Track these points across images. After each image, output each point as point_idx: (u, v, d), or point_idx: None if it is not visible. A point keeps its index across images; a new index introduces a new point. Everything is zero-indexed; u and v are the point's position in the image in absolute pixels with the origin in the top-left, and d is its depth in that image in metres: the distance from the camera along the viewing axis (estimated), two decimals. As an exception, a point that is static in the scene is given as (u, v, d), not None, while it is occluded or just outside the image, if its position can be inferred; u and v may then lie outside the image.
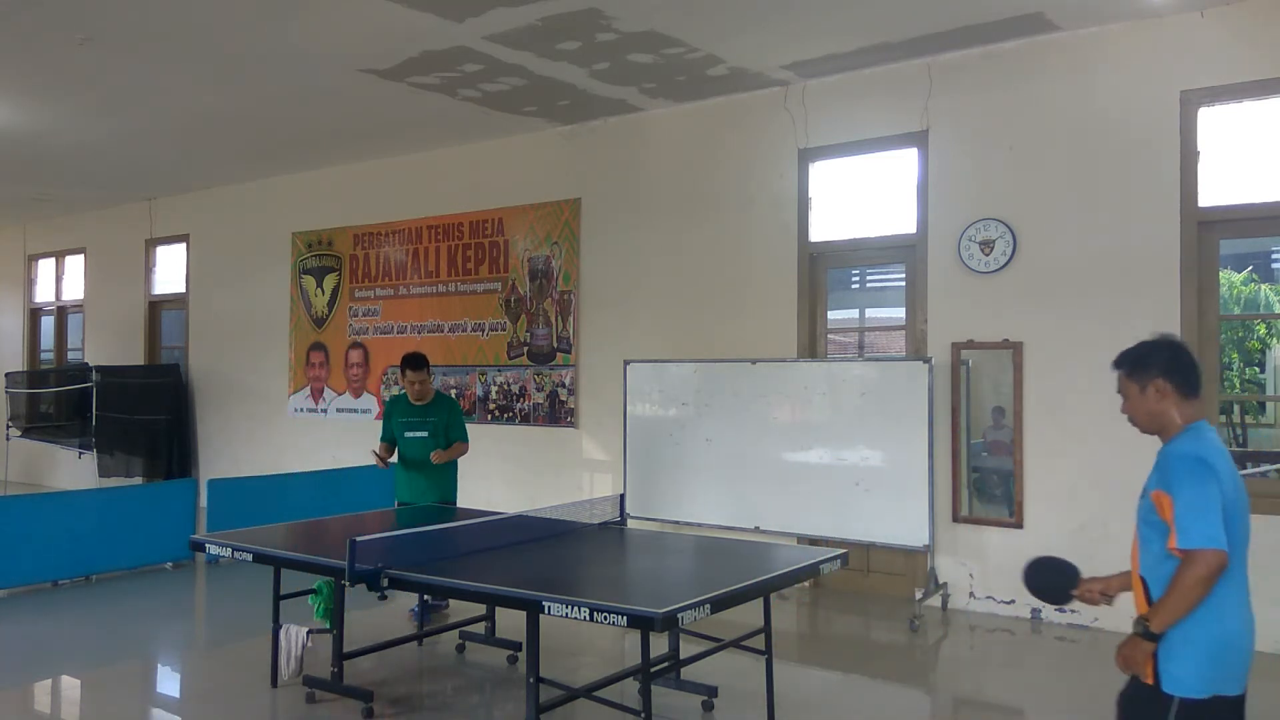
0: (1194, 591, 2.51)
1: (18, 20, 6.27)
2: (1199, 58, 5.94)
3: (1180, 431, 2.71)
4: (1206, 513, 2.51)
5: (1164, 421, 2.74)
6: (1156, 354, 2.75)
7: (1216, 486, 2.53)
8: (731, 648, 4.55)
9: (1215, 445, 2.67)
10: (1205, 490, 2.53)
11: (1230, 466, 2.64)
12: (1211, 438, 2.69)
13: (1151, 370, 2.73)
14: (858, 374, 6.77)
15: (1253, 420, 7.18)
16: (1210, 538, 2.49)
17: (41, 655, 5.79)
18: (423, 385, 6.34)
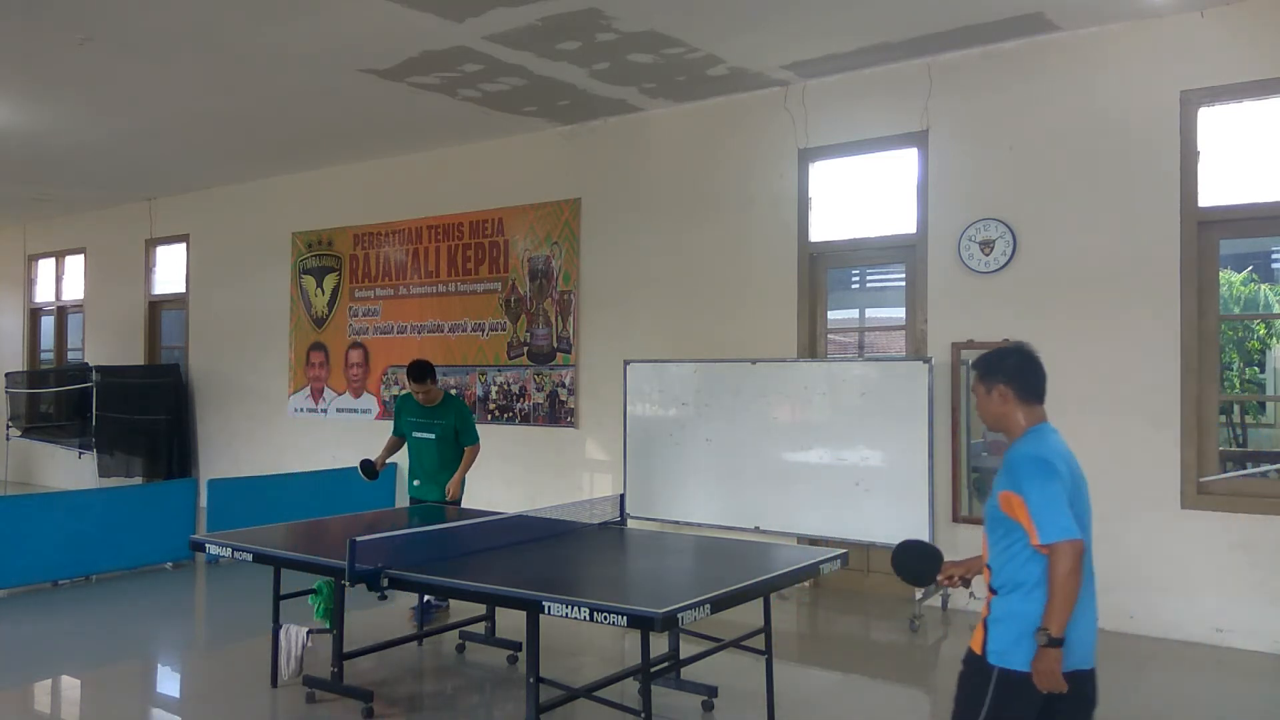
0: (1070, 582, 2.68)
1: (18, 20, 6.28)
2: (1199, 58, 5.94)
3: (1023, 434, 2.93)
4: (1056, 507, 2.71)
5: (1008, 423, 2.97)
6: (1003, 361, 2.97)
7: (1059, 484, 2.74)
8: (731, 648, 4.56)
9: (1056, 446, 2.88)
10: (1051, 488, 2.74)
11: (1070, 465, 2.85)
12: (1053, 440, 2.90)
13: (997, 375, 2.95)
14: (858, 374, 6.77)
15: (1253, 420, 7.17)
16: (1064, 529, 2.69)
17: (41, 655, 5.79)
18: (427, 393, 6.34)
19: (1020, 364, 2.96)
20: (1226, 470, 6.14)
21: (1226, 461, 6.29)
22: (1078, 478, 2.87)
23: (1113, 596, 6.07)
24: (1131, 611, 6.04)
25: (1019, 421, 2.95)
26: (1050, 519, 2.70)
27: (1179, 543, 5.93)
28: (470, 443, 6.41)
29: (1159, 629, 5.96)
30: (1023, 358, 2.97)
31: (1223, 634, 5.79)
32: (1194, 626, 5.86)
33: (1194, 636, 5.86)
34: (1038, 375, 2.96)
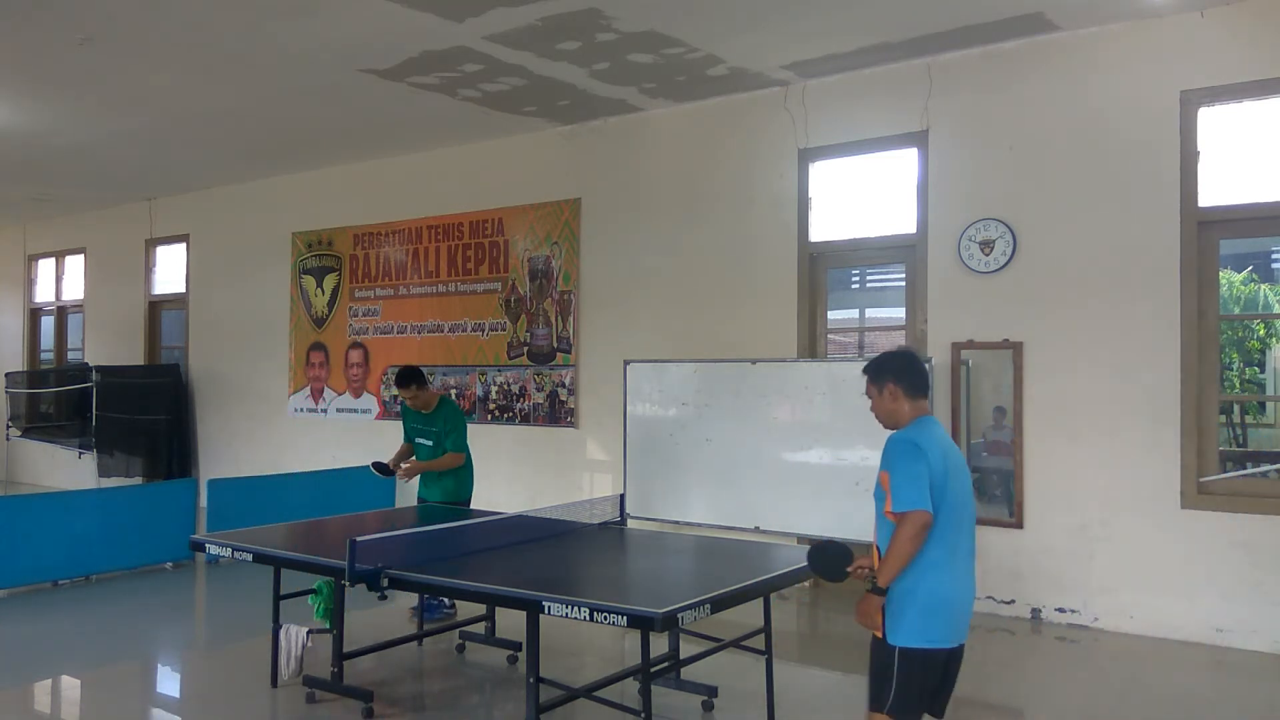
0: (907, 546, 3.03)
1: (18, 20, 6.28)
2: (1199, 58, 5.94)
3: (908, 424, 3.24)
4: (914, 483, 3.04)
5: (897, 417, 3.28)
6: (890, 363, 3.33)
7: (924, 465, 3.06)
8: (731, 648, 4.56)
9: (931, 434, 3.19)
10: (914, 467, 3.07)
11: (945, 452, 3.15)
12: (932, 429, 3.21)
13: (887, 375, 3.30)
14: (858, 374, 6.73)
15: (1253, 420, 7.17)
16: (915, 501, 3.03)
17: (41, 655, 5.79)
18: (415, 399, 6.30)
19: (905, 365, 3.31)
20: (1226, 470, 6.14)
21: (1226, 461, 6.29)
22: (954, 466, 3.15)
23: (1113, 596, 6.10)
24: (1131, 611, 6.05)
25: (906, 414, 3.26)
26: (906, 492, 3.04)
27: (1179, 543, 5.92)
28: (453, 449, 6.28)
29: (1159, 629, 5.96)
30: (907, 359, 3.36)
31: (1223, 634, 5.79)
32: (1194, 626, 5.86)
33: (1194, 636, 5.86)
34: (920, 374, 3.31)
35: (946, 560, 3.10)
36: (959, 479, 3.17)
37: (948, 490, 3.09)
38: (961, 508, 3.15)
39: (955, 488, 3.12)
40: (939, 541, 3.08)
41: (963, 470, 3.22)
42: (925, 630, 3.07)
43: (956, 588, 3.13)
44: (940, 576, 3.08)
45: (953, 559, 3.11)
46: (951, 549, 3.11)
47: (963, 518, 3.16)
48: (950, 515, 3.10)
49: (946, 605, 3.09)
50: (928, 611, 3.07)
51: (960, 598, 3.15)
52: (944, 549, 3.09)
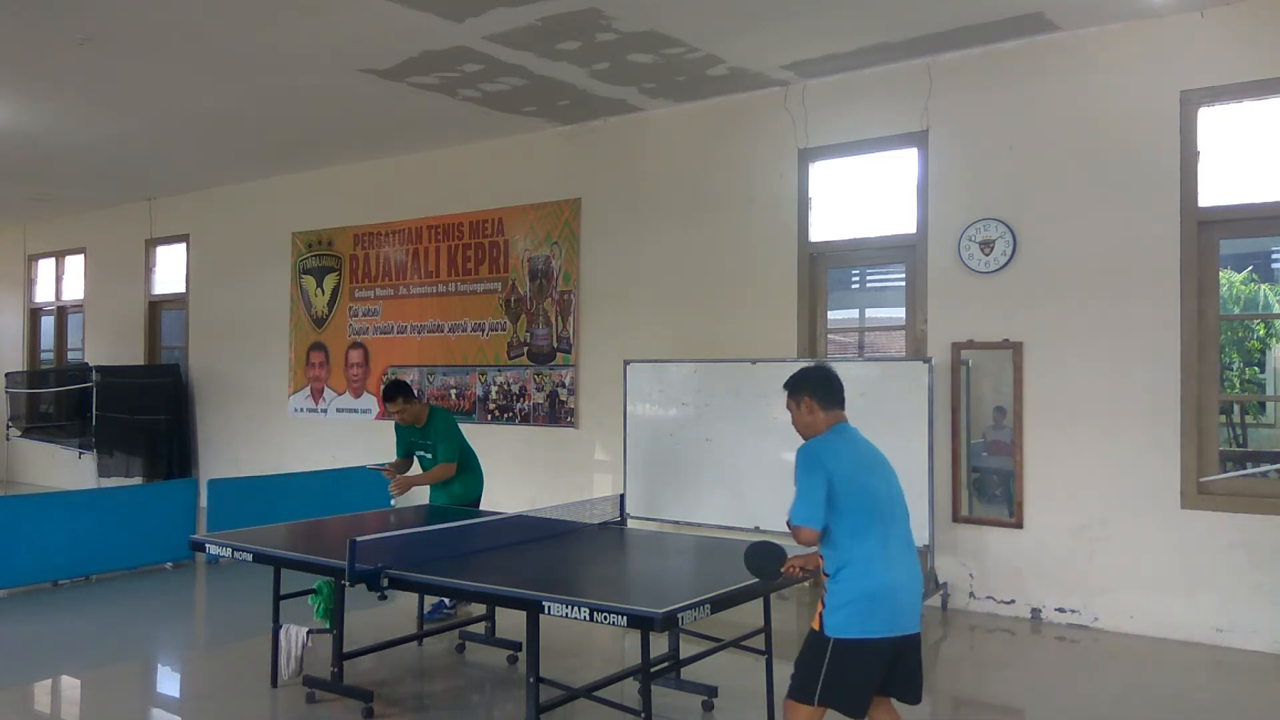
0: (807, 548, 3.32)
1: (18, 20, 6.28)
2: (1199, 58, 5.94)
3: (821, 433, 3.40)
4: (806, 497, 3.23)
5: (814, 429, 3.43)
6: (805, 378, 3.49)
7: (820, 476, 3.22)
8: (731, 648, 4.56)
9: (838, 441, 3.37)
10: (810, 480, 3.24)
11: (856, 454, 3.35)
12: (840, 436, 3.39)
13: (802, 390, 3.46)
14: (858, 374, 6.75)
15: (1253, 420, 7.18)
16: (804, 519, 3.22)
17: (41, 655, 5.79)
18: (404, 413, 6.25)
19: (819, 379, 3.47)
20: (1226, 470, 6.14)
21: (1226, 461, 6.29)
22: (868, 465, 3.35)
23: (1113, 596, 6.10)
24: (1131, 611, 6.05)
25: (821, 425, 3.42)
26: (798, 505, 3.24)
27: (1179, 543, 5.93)
28: (442, 459, 6.25)
29: (1159, 629, 5.96)
30: (821, 373, 3.50)
31: (1223, 634, 5.79)
32: (1194, 626, 5.86)
33: (1194, 636, 5.86)
34: (834, 387, 3.47)
35: (879, 552, 3.22)
36: (877, 475, 3.34)
37: (860, 487, 3.25)
38: (883, 501, 3.30)
39: (871, 484, 3.29)
40: (866, 536, 3.22)
41: (882, 467, 3.40)
42: (862, 622, 3.17)
43: (892, 577, 3.22)
44: (873, 569, 3.20)
45: (885, 550, 3.23)
46: (882, 540, 3.24)
47: (888, 510, 3.29)
48: (870, 510, 3.25)
49: (883, 596, 3.19)
50: (863, 603, 3.17)
51: (899, 587, 3.23)
52: (874, 541, 3.22)
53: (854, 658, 3.18)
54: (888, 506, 3.30)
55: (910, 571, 3.30)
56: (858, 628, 3.17)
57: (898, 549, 3.27)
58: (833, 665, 3.17)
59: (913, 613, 3.28)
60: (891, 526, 3.28)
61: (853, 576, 3.20)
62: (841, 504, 3.23)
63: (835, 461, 3.27)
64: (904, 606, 3.25)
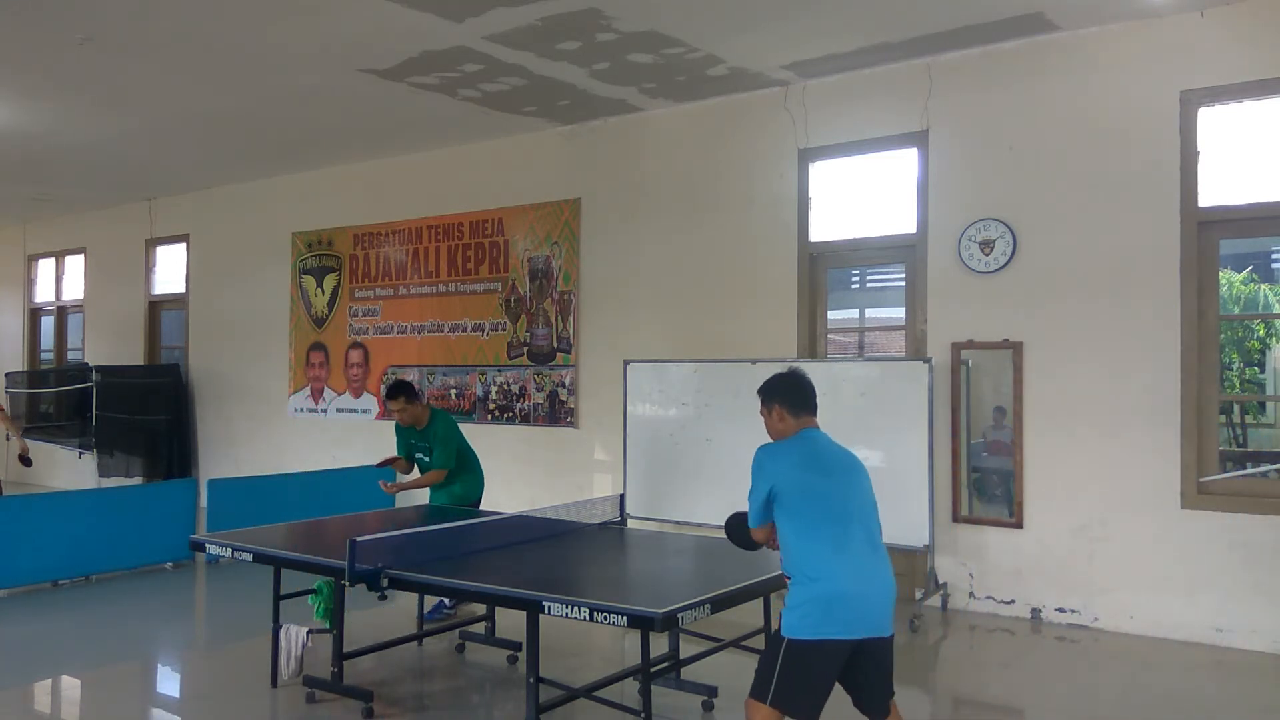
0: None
1: (18, 20, 6.28)
2: (1199, 58, 5.94)
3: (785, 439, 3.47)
4: (752, 500, 3.38)
5: (784, 435, 3.49)
6: (775, 385, 3.55)
7: (764, 480, 3.33)
8: (731, 648, 4.56)
9: (796, 445, 3.41)
10: (756, 484, 3.37)
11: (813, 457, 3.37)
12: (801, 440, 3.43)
13: (773, 397, 3.52)
14: (858, 374, 6.77)
15: (1253, 420, 7.17)
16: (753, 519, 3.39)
17: (41, 655, 5.79)
18: (402, 414, 6.25)
19: (789, 386, 3.53)
20: (1226, 470, 6.14)
21: (1226, 461, 6.29)
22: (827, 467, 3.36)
23: (1113, 596, 6.10)
24: (1131, 611, 6.05)
25: (791, 431, 3.48)
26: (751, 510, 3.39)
27: (1179, 543, 5.93)
28: (437, 465, 6.26)
29: (1159, 629, 5.96)
30: (791, 380, 3.56)
31: (1223, 634, 5.79)
32: (1194, 626, 5.86)
33: (1194, 636, 5.86)
34: (804, 393, 3.53)
35: (830, 555, 3.21)
36: (833, 479, 3.34)
37: (807, 490, 3.27)
38: (836, 504, 3.29)
39: (821, 487, 3.29)
40: (815, 538, 3.23)
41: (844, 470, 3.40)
42: (816, 624, 3.16)
43: (850, 580, 3.20)
44: (825, 571, 3.19)
45: (840, 553, 3.21)
46: (836, 543, 3.22)
47: (843, 513, 3.28)
48: (820, 513, 3.26)
49: (839, 599, 3.17)
50: (816, 605, 3.17)
51: (858, 590, 3.20)
52: (824, 544, 3.22)
53: (805, 659, 3.16)
54: (842, 510, 3.29)
55: (874, 574, 3.26)
56: (810, 629, 3.16)
57: (858, 552, 3.24)
58: (785, 665, 3.17)
59: (879, 616, 3.23)
60: (849, 529, 3.26)
61: (805, 579, 3.21)
62: (790, 507, 3.26)
63: (780, 465, 3.32)
64: (866, 610, 3.21)
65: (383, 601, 4.50)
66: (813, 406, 3.52)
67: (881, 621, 3.23)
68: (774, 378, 3.59)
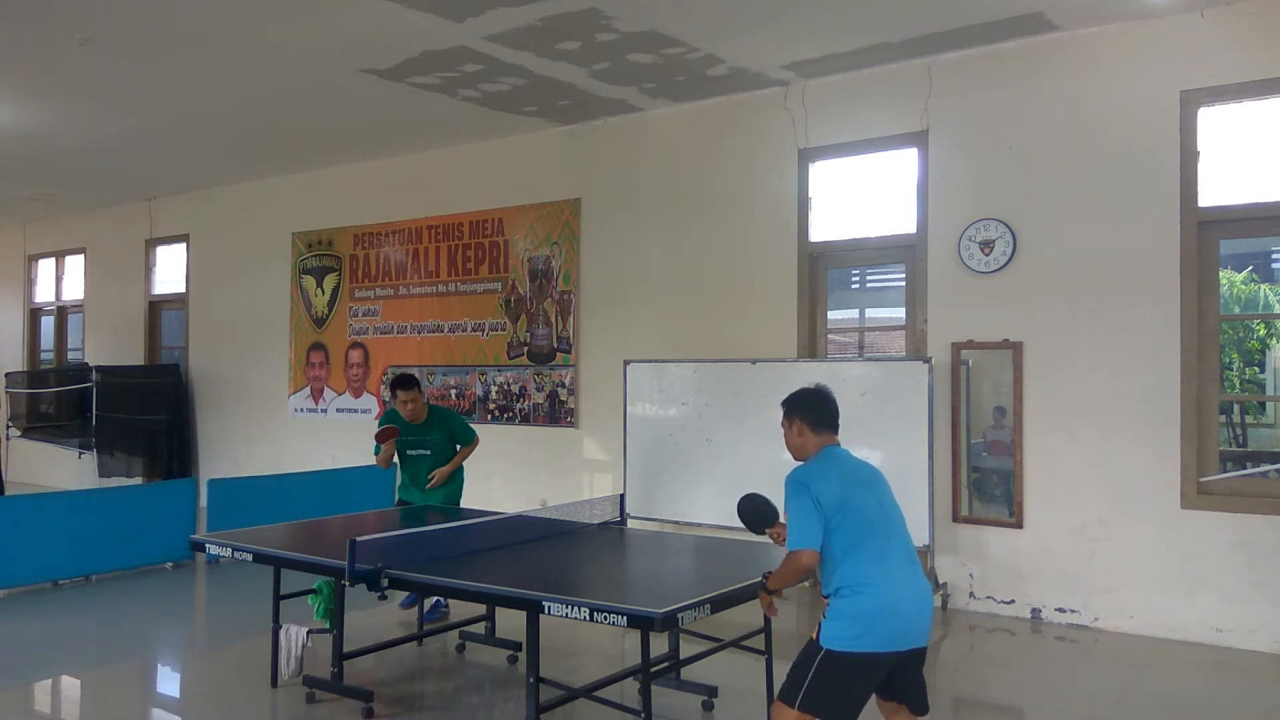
0: (790, 576, 3.34)
1: (18, 20, 6.28)
2: (1199, 58, 5.94)
3: (810, 457, 3.45)
4: (799, 523, 3.26)
5: (804, 451, 3.49)
6: (798, 400, 3.53)
7: (808, 500, 3.25)
8: (731, 648, 4.56)
9: (827, 463, 3.39)
10: (799, 505, 3.27)
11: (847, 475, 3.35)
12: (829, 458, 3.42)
13: (795, 412, 3.51)
14: (858, 374, 6.77)
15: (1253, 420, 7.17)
16: (798, 541, 3.25)
17: (41, 655, 5.79)
18: (414, 404, 6.25)
19: (812, 402, 3.51)
20: (1226, 470, 6.14)
21: (1226, 461, 6.29)
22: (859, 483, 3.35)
23: (1113, 596, 6.10)
24: (1131, 611, 6.05)
25: (811, 448, 3.47)
26: (793, 531, 3.27)
27: (1179, 543, 5.93)
28: (468, 441, 6.41)
29: (1159, 629, 5.96)
30: (815, 396, 3.53)
31: (1223, 634, 5.79)
32: (1194, 626, 5.86)
33: (1194, 636, 5.86)
34: (827, 410, 3.51)
35: (875, 569, 3.20)
36: (868, 493, 3.33)
37: (849, 506, 3.25)
38: (875, 517, 3.28)
39: (861, 502, 3.28)
40: (860, 553, 3.21)
41: (873, 483, 3.39)
42: (858, 637, 3.16)
43: (893, 594, 3.20)
44: (870, 585, 3.18)
45: (882, 566, 3.21)
46: (877, 557, 3.22)
47: (881, 526, 3.28)
48: (863, 528, 3.24)
49: (882, 613, 3.17)
50: (862, 619, 3.16)
51: (900, 603, 3.21)
52: (869, 559, 3.21)
53: (843, 670, 3.18)
54: (881, 522, 3.29)
55: (913, 586, 3.27)
56: (852, 642, 3.16)
57: (897, 564, 3.25)
58: (819, 674, 3.18)
59: (919, 628, 3.26)
60: (888, 542, 3.27)
61: (851, 594, 3.19)
62: (832, 524, 3.24)
63: (821, 484, 3.29)
64: (908, 622, 3.23)
65: (383, 601, 4.50)
66: (834, 424, 3.51)
67: (921, 631, 3.27)
68: (799, 392, 3.57)
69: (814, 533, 3.23)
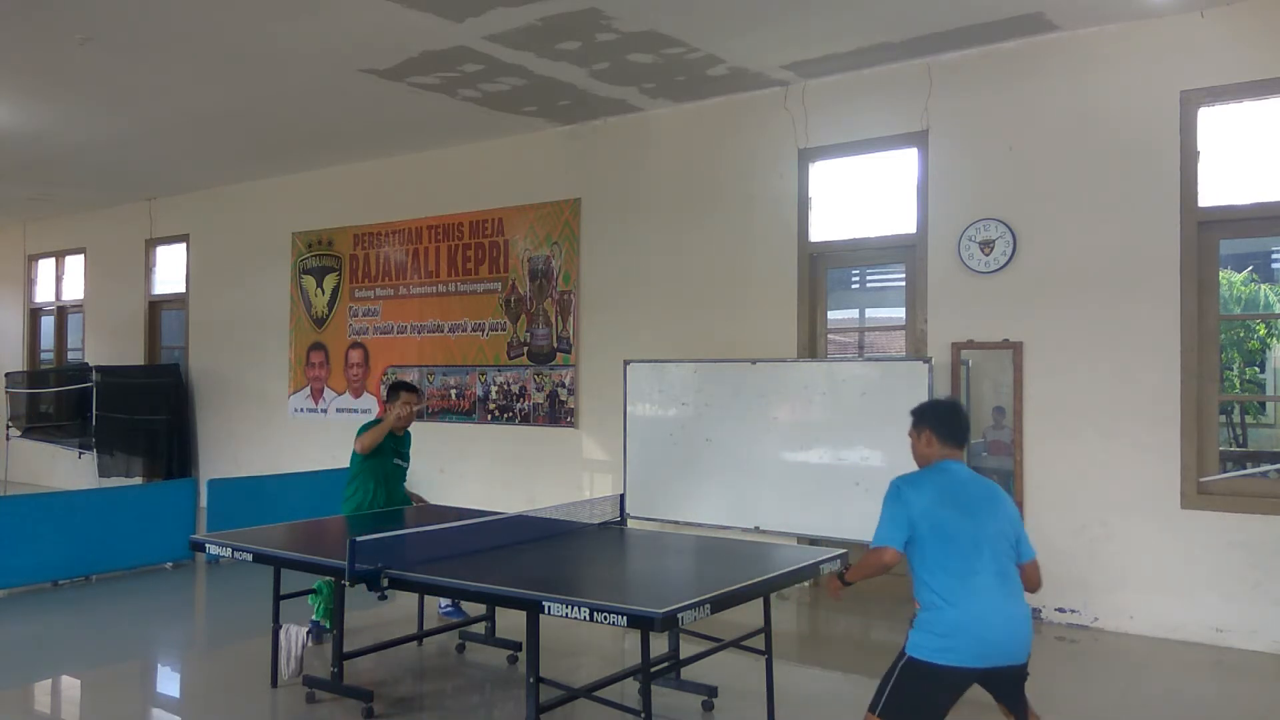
0: (867, 570, 3.46)
1: (18, 20, 6.28)
2: (1199, 58, 5.94)
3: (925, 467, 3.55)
4: (885, 522, 3.40)
5: (926, 461, 3.58)
6: (931, 411, 3.65)
7: (901, 506, 3.38)
8: (731, 648, 4.56)
9: (932, 477, 3.48)
10: (890, 508, 3.41)
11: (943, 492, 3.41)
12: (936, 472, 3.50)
13: (925, 422, 3.59)
14: (858, 374, 6.77)
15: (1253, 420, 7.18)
16: (881, 539, 3.39)
17: (41, 655, 5.79)
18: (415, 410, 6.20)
19: (945, 415, 3.60)
20: (1226, 470, 6.14)
21: (1226, 461, 6.29)
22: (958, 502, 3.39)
23: (1113, 596, 6.10)
24: (1131, 611, 6.05)
25: (934, 459, 3.55)
26: (880, 528, 3.40)
27: (1179, 543, 5.92)
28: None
29: (1159, 629, 5.96)
30: (949, 410, 3.64)
31: (1223, 634, 5.79)
32: (1194, 626, 5.86)
33: (1194, 636, 5.86)
34: (959, 425, 3.58)
35: (955, 587, 3.26)
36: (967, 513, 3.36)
37: (939, 523, 3.32)
38: (967, 538, 3.32)
39: (953, 521, 3.33)
40: (942, 571, 3.29)
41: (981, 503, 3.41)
42: (937, 649, 3.24)
43: (977, 613, 3.24)
44: (951, 601, 3.25)
45: (966, 584, 3.26)
46: (960, 576, 3.27)
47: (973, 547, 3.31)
48: (949, 544, 3.30)
49: (963, 629, 3.23)
50: (943, 634, 3.24)
51: (984, 621, 3.24)
52: (950, 578, 3.28)
53: (922, 679, 3.27)
54: (973, 543, 3.31)
55: (1005, 607, 3.28)
56: (935, 654, 3.25)
57: (986, 583, 3.27)
58: (900, 680, 3.30)
59: (1008, 645, 3.28)
60: (978, 560, 3.29)
61: (934, 607, 3.28)
62: (918, 534, 3.32)
63: (915, 493, 3.39)
64: (995, 640, 3.26)
65: (383, 601, 4.50)
66: (962, 440, 3.57)
67: (1012, 650, 3.29)
68: (933, 403, 3.68)
69: (896, 534, 3.34)
